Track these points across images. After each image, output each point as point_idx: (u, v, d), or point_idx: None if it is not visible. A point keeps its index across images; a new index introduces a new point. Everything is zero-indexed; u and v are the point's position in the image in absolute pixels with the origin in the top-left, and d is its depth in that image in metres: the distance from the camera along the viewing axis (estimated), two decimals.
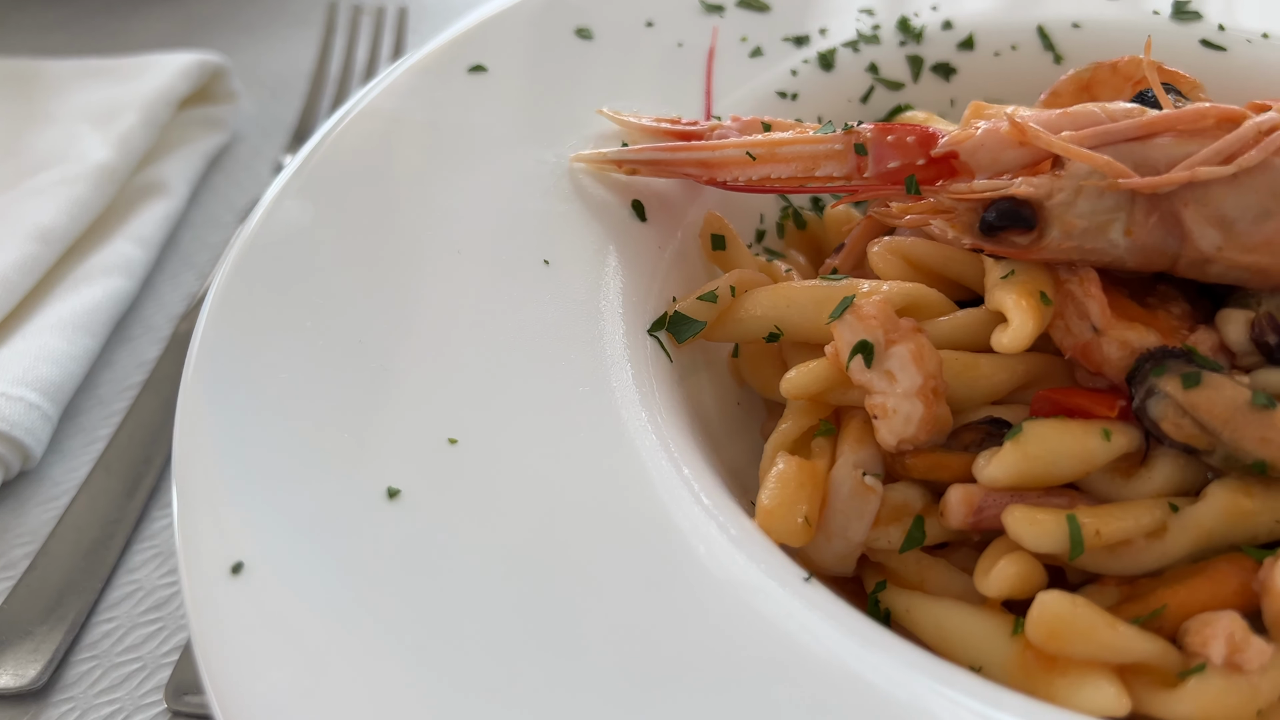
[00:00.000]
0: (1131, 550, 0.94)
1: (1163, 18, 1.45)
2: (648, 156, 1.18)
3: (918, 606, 0.97)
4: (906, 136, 1.06)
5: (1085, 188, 0.98)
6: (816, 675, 0.81)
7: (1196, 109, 1.00)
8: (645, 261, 1.18)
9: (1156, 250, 0.99)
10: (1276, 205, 0.96)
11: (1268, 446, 0.92)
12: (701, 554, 0.88)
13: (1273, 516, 0.93)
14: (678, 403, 1.09)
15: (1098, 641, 0.86)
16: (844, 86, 1.42)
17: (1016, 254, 1.01)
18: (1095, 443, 0.94)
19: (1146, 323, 1.01)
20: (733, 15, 1.48)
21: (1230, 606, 0.89)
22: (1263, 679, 0.85)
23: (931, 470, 0.99)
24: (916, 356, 0.98)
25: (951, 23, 1.47)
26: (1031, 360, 1.04)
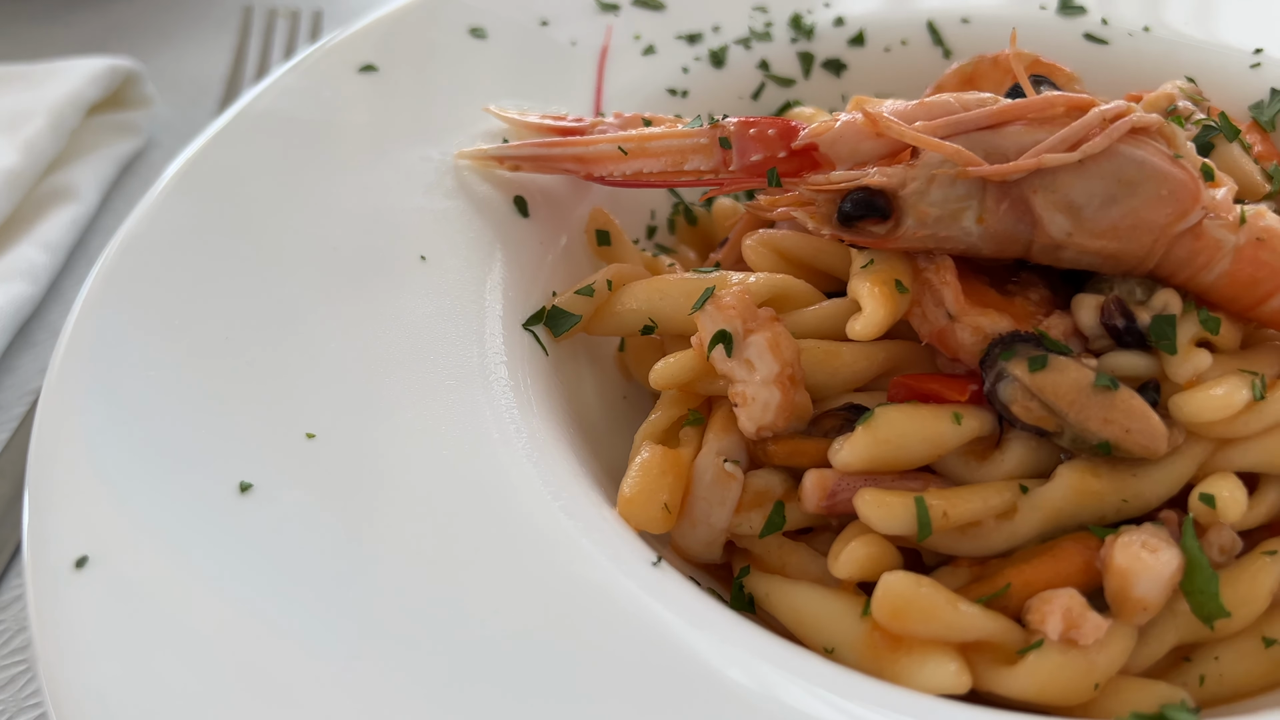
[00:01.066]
0: (982, 531, 0.95)
1: (1049, 12, 1.48)
2: (527, 153, 1.20)
3: (777, 590, 0.98)
4: (768, 130, 1.07)
5: (937, 176, 1.00)
6: (659, 657, 0.82)
7: (1045, 98, 1.02)
8: (527, 257, 1.20)
9: (1009, 237, 1.01)
10: (1122, 191, 0.98)
11: (1111, 427, 0.93)
12: (551, 543, 0.89)
13: (1119, 496, 0.95)
14: (552, 396, 1.10)
15: (940, 620, 0.87)
16: (735, 83, 1.44)
17: (875, 243, 1.03)
18: (945, 426, 0.96)
19: (1003, 308, 1.02)
20: (628, 14, 1.49)
21: (1074, 584, 0.91)
22: (1099, 654, 0.87)
23: (791, 456, 1.00)
24: (773, 345, 0.99)
25: (843, 19, 1.49)
26: (893, 347, 1.06)
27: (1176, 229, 0.98)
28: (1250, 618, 0.92)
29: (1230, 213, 0.99)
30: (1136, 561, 0.88)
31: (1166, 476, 0.95)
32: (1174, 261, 1.00)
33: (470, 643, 0.82)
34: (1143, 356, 0.99)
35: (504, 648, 0.82)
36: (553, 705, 0.78)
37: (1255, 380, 0.95)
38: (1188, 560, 0.90)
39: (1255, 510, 0.97)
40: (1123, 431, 0.93)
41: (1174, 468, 0.95)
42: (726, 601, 1.01)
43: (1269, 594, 0.92)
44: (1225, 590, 0.92)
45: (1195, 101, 1.28)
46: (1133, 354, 0.99)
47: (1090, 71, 1.42)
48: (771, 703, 0.79)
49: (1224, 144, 1.20)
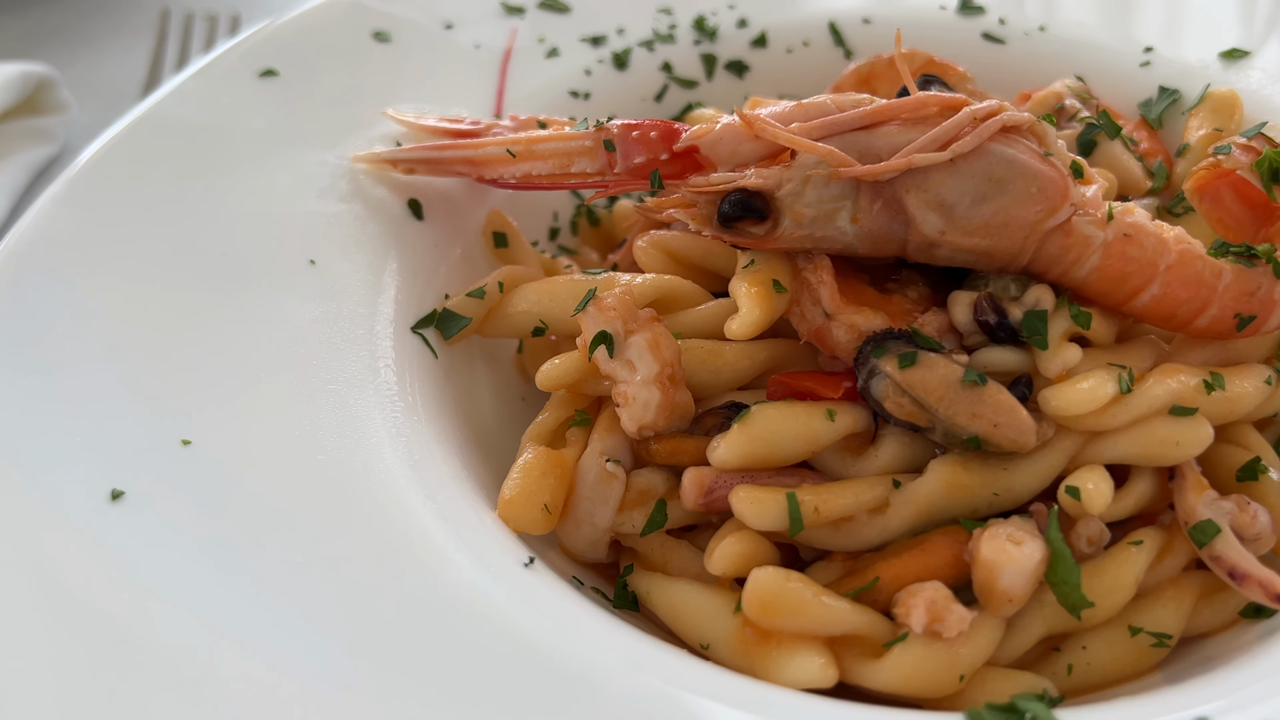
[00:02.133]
0: (854, 526, 0.97)
1: (949, 12, 1.50)
2: (418, 155, 1.20)
3: (656, 588, 0.99)
4: (650, 132, 1.08)
5: (812, 177, 1.01)
6: (521, 657, 0.83)
7: (918, 98, 1.03)
8: (422, 260, 1.20)
9: (884, 236, 1.02)
10: (992, 189, 0.99)
11: (979, 421, 0.95)
12: (421, 547, 0.89)
13: (990, 490, 0.97)
14: (441, 399, 1.11)
15: (807, 615, 0.89)
16: (638, 85, 1.45)
17: (754, 244, 1.04)
18: (819, 423, 0.97)
19: (879, 306, 1.04)
20: (533, 16, 1.50)
21: (943, 577, 0.93)
22: (964, 646, 0.88)
23: (672, 455, 1.01)
24: (653, 345, 1.00)
25: (746, 21, 1.50)
26: (775, 346, 1.07)
27: (1046, 226, 1.00)
28: (1116, 607, 0.94)
29: (1099, 209, 1.01)
30: (1001, 554, 0.90)
31: (1036, 470, 0.97)
32: (1046, 258, 1.02)
33: (336, 648, 0.82)
34: (1015, 352, 1.00)
35: (369, 650, 0.82)
36: (415, 706, 0.79)
37: (1123, 374, 0.97)
38: (1051, 552, 0.91)
39: (1123, 501, 0.98)
40: (990, 426, 0.95)
41: (1044, 461, 0.97)
42: (610, 600, 1.02)
43: (1134, 583, 0.94)
44: (1091, 580, 0.94)
45: (1083, 99, 1.31)
46: (1005, 349, 1.00)
47: (987, 71, 1.44)
48: (631, 699, 0.79)
49: (1106, 141, 1.22)
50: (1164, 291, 1.01)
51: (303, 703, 0.79)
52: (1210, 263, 1.01)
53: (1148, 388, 0.97)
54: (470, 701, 0.78)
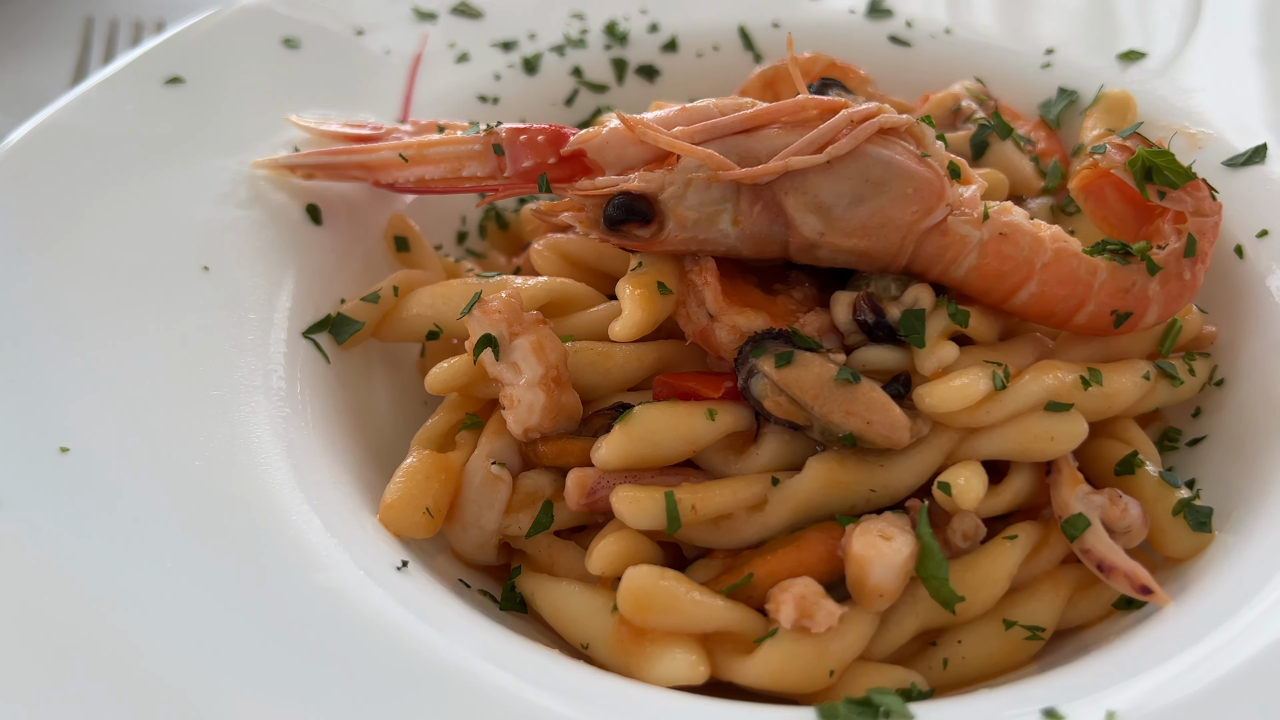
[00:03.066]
0: (733, 524, 0.98)
1: (858, 16, 1.51)
2: (314, 161, 1.20)
3: (541, 589, 1.00)
4: (538, 136, 1.09)
5: (693, 180, 1.02)
6: (398, 659, 0.83)
7: (797, 101, 1.05)
8: (321, 266, 1.20)
9: (766, 237, 1.03)
10: (869, 191, 1.01)
11: (853, 419, 0.96)
12: (294, 552, 0.90)
13: (867, 486, 0.98)
14: (333, 405, 1.11)
15: (680, 612, 0.89)
16: (547, 90, 1.45)
17: (641, 246, 1.05)
18: (700, 423, 0.98)
19: (765, 307, 1.05)
20: (445, 22, 1.50)
21: (818, 573, 0.94)
22: (834, 641, 0.89)
23: (559, 457, 1.02)
24: (537, 348, 1.01)
25: (658, 26, 1.51)
26: (664, 347, 1.08)
27: (923, 226, 1.01)
28: (989, 600, 0.95)
29: (975, 209, 1.02)
30: (871, 549, 0.91)
31: (913, 466, 0.98)
32: (925, 257, 1.03)
33: (203, 650, 0.82)
34: (893, 350, 1.02)
35: (231, 651, 0.82)
36: (279, 708, 0.79)
37: (997, 371, 0.98)
38: (921, 547, 0.93)
39: (1000, 497, 1.00)
40: (864, 423, 0.96)
41: (920, 457, 0.98)
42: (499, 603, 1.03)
43: (1007, 577, 0.96)
44: (965, 575, 0.95)
45: (980, 101, 1.32)
46: (883, 348, 1.02)
47: (894, 73, 1.46)
48: (495, 700, 0.80)
49: (998, 142, 1.24)
50: (1041, 289, 1.02)
51: (167, 703, 0.79)
52: (1086, 260, 1.03)
53: (1022, 384, 0.99)
54: (323, 700, 0.78)
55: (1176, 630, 0.85)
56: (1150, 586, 0.91)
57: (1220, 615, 0.83)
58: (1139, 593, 0.92)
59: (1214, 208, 1.05)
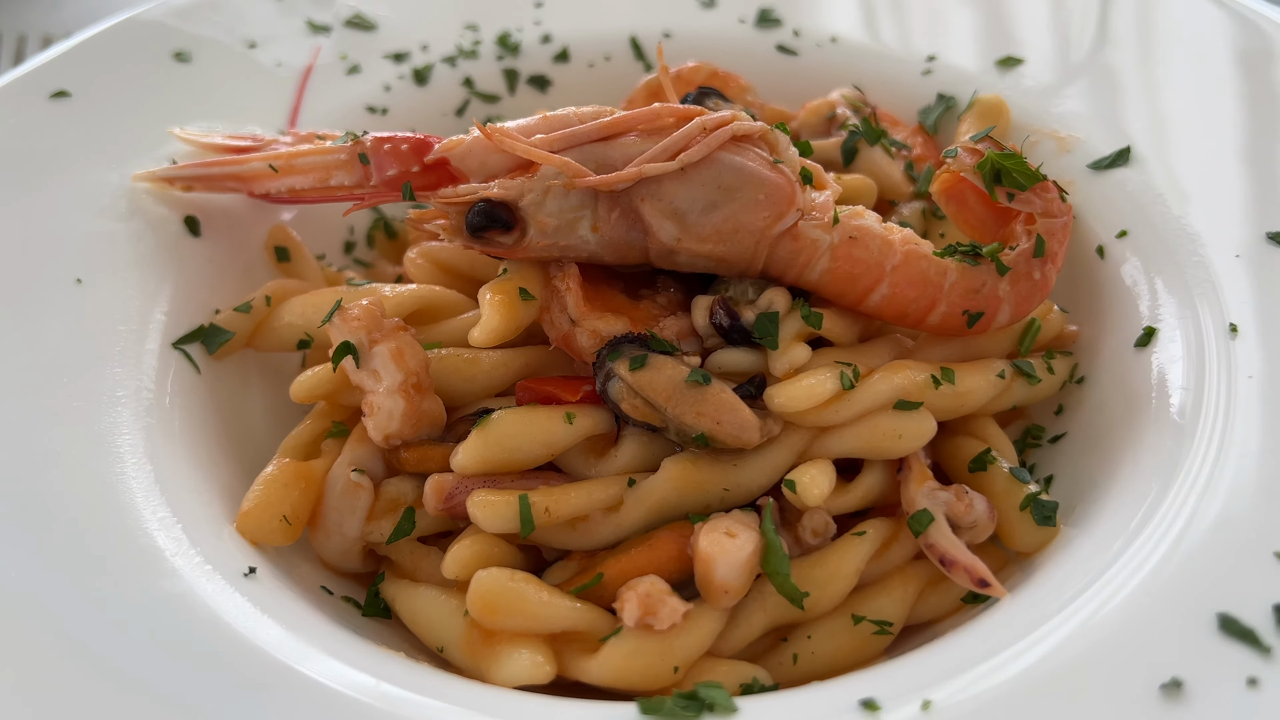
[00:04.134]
0: (589, 525, 0.99)
1: (747, 25, 1.53)
2: (190, 173, 1.21)
3: (402, 594, 1.01)
4: (401, 145, 1.10)
5: (552, 188, 1.04)
6: (233, 663, 0.84)
7: (653, 109, 1.06)
8: (198, 277, 1.21)
9: (625, 243, 1.05)
10: (722, 198, 1.03)
11: (704, 420, 0.98)
12: (143, 560, 0.90)
13: (721, 485, 1.00)
14: (203, 415, 1.12)
15: (527, 613, 0.91)
16: (438, 100, 1.47)
17: (504, 253, 1.06)
18: (558, 427, 1.00)
19: (628, 312, 1.06)
20: (339, 34, 1.51)
21: (669, 571, 0.95)
22: (678, 638, 0.91)
23: (421, 463, 1.03)
24: (397, 355, 1.02)
25: (550, 36, 1.53)
26: (530, 353, 1.09)
27: (775, 231, 1.03)
28: (837, 596, 0.97)
29: (826, 214, 1.04)
30: (716, 547, 0.93)
31: (765, 465, 1.00)
32: (780, 262, 1.05)
33: (56, 658, 0.83)
34: (748, 352, 1.03)
35: (85, 659, 0.83)
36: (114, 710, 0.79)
37: (846, 371, 1.00)
38: (765, 543, 0.94)
39: (852, 494, 1.02)
40: (714, 424, 0.98)
41: (772, 456, 1.00)
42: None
43: (854, 573, 0.98)
44: (813, 570, 0.97)
45: (856, 108, 1.35)
46: (739, 350, 1.04)
47: (781, 81, 1.48)
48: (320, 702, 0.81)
49: (867, 148, 1.27)
50: (893, 291, 1.05)
51: (4, 704, 0.79)
52: (936, 262, 1.05)
53: (871, 384, 1.01)
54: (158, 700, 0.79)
55: (1002, 623, 0.87)
56: (988, 580, 0.93)
57: (1045, 608, 0.85)
58: (977, 586, 0.94)
59: (1063, 209, 1.08)
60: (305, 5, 1.55)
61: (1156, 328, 1.10)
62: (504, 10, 1.56)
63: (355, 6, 1.55)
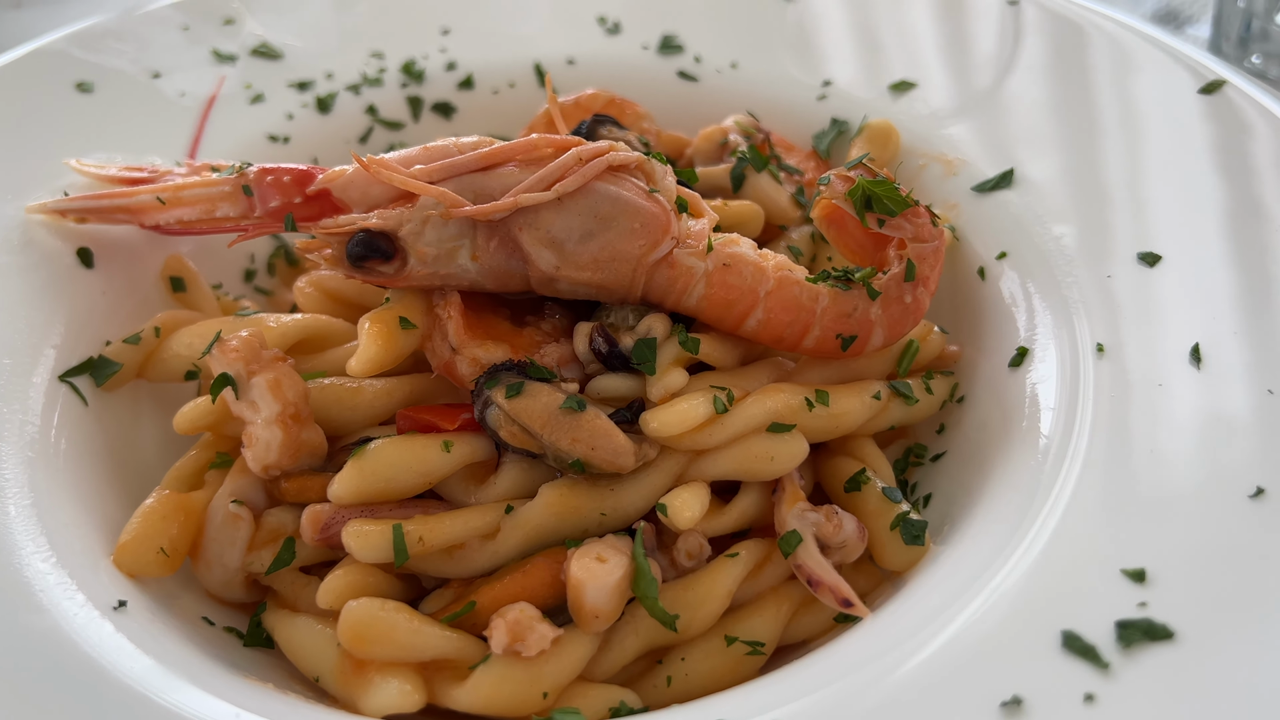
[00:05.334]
0: (466, 553, 1.00)
1: (650, 52, 1.56)
2: (80, 205, 1.21)
3: (281, 624, 1.01)
4: (284, 177, 1.11)
5: (430, 217, 1.05)
6: (104, 696, 0.84)
7: (530, 140, 1.08)
8: (91, 309, 1.21)
9: (506, 272, 1.07)
10: (598, 226, 1.04)
11: (578, 445, 0.99)
12: (17, 592, 0.90)
13: (598, 510, 1.01)
14: (90, 448, 1.12)
15: (396, 642, 0.91)
16: (341, 128, 1.48)
17: (387, 282, 1.07)
18: (435, 455, 1.01)
19: (510, 339, 1.08)
20: (245, 64, 1.52)
21: (541, 597, 0.96)
22: (547, 664, 0.92)
23: (300, 493, 1.04)
24: (274, 386, 1.03)
25: (455, 64, 1.54)
26: (416, 381, 1.10)
27: (651, 258, 1.05)
28: (710, 618, 0.98)
29: (701, 242, 1.06)
30: (585, 572, 0.94)
31: (641, 489, 1.01)
32: (658, 288, 1.07)
33: None
34: (626, 378, 1.05)
35: None
36: None
37: (719, 395, 1.02)
38: (635, 568, 0.96)
39: (727, 516, 1.04)
40: (589, 449, 0.99)
41: (648, 480, 1.02)
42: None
43: (726, 594, 0.99)
44: (686, 593, 0.99)
45: (748, 134, 1.37)
46: (618, 376, 1.05)
47: (683, 107, 1.51)
48: None
49: (754, 174, 1.29)
50: (767, 316, 1.07)
51: None
52: (808, 288, 1.07)
53: (744, 407, 1.03)
54: None
55: (856, 643, 0.89)
56: (851, 600, 0.95)
57: (899, 628, 0.87)
58: (842, 606, 0.95)
59: (934, 233, 1.10)
60: (212, 34, 1.56)
61: (1029, 348, 1.12)
62: (411, 38, 1.58)
63: (262, 35, 1.56)
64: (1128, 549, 0.88)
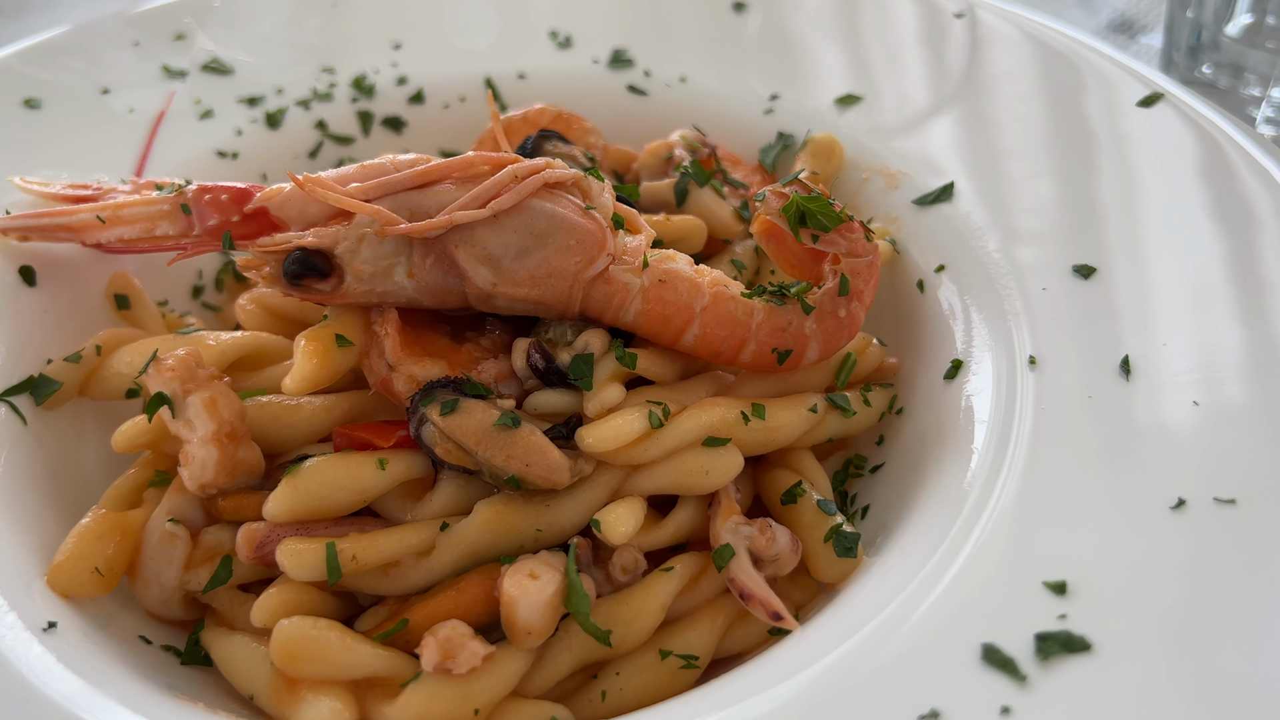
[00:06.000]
0: (401, 571, 1.00)
1: (601, 66, 1.57)
2: (23, 223, 1.21)
3: (218, 643, 1.01)
4: (222, 195, 1.12)
5: (366, 235, 1.05)
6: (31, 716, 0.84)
7: (466, 157, 1.09)
8: (33, 327, 1.21)
9: (443, 289, 1.07)
10: (534, 243, 1.05)
11: (513, 462, 1.00)
12: None
13: (534, 526, 1.01)
14: (28, 467, 1.12)
15: (328, 660, 0.92)
16: (291, 143, 1.48)
17: (324, 299, 1.08)
18: (369, 473, 1.01)
19: (448, 356, 1.08)
20: (195, 79, 1.52)
21: (475, 614, 0.97)
22: (478, 681, 0.92)
23: (237, 511, 1.04)
24: (210, 404, 1.03)
25: (406, 79, 1.55)
26: (355, 399, 1.10)
27: (587, 275, 1.06)
28: (644, 632, 0.99)
29: (637, 258, 1.07)
30: (517, 588, 0.94)
31: (578, 505, 1.02)
32: (595, 304, 1.07)
33: None
34: (564, 394, 1.05)
35: None
36: None
37: (655, 410, 1.03)
38: (568, 583, 0.96)
39: (663, 530, 1.04)
40: (523, 465, 1.00)
41: (585, 496, 1.02)
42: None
43: (660, 608, 1.00)
44: (620, 608, 0.99)
45: (694, 148, 1.38)
46: (555, 392, 1.06)
47: (633, 121, 1.52)
48: None
49: (696, 189, 1.30)
50: (704, 331, 1.07)
51: None
52: (743, 303, 1.08)
53: (680, 421, 1.03)
54: None
55: (782, 655, 0.89)
56: (781, 613, 0.96)
57: (824, 641, 0.88)
58: (772, 619, 0.96)
59: (868, 248, 1.11)
60: (162, 50, 1.56)
61: (963, 360, 1.13)
62: (363, 53, 1.58)
63: (213, 51, 1.56)
64: (1051, 561, 0.89)
